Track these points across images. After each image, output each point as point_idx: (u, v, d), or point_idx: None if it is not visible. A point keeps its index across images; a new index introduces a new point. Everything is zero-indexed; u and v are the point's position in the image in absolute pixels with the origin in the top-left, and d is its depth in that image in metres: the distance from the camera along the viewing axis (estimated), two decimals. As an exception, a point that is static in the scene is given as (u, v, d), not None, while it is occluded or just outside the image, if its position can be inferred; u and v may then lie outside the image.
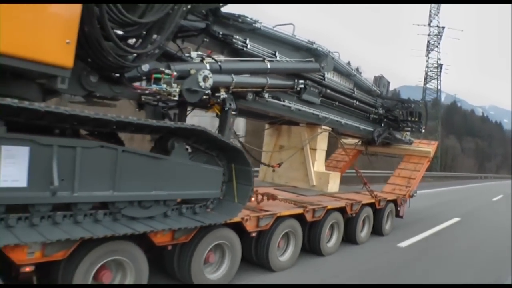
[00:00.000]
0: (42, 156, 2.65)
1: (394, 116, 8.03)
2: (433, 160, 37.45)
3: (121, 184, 3.02)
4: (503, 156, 66.38)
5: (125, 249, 3.12)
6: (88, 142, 2.88)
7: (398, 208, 7.56)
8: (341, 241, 5.94)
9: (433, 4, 45.60)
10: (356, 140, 8.69)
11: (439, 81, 46.81)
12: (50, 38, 2.58)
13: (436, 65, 46.34)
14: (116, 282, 3.20)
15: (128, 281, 3.20)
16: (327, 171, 6.91)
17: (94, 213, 3.02)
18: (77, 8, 2.69)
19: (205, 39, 4.47)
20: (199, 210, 3.73)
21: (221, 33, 4.53)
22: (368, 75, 7.01)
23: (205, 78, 3.76)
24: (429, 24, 45.62)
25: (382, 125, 8.10)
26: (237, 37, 4.71)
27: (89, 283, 2.95)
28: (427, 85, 47.17)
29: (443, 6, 45.62)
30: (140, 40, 3.40)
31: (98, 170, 2.91)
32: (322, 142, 6.76)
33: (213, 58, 4.37)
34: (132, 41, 3.48)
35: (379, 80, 8.12)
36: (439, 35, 45.41)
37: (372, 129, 7.88)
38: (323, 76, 6.20)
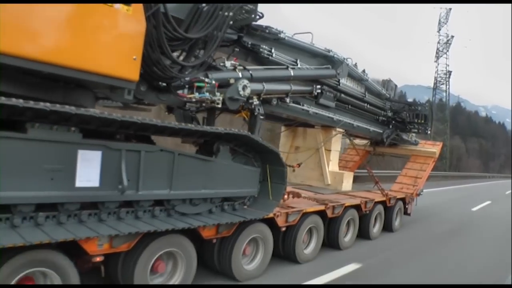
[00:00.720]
0: (112, 159, 2.99)
1: (401, 118, 8.42)
2: (442, 161, 39.05)
3: (176, 183, 3.36)
4: (505, 156, 68.21)
5: (179, 242, 3.46)
6: (150, 146, 3.23)
7: (406, 206, 7.96)
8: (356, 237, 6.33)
9: (442, 13, 47.66)
10: (365, 141, 9.07)
11: (447, 87, 49.04)
12: (120, 55, 2.93)
13: (445, 71, 48.64)
14: (168, 271, 3.54)
15: (179, 271, 3.54)
16: (340, 171, 7.28)
17: (152, 210, 3.36)
18: (143, 27, 3.03)
19: (236, 49, 4.82)
20: (238, 207, 4.08)
21: (250, 43, 4.88)
22: (369, 76, 7.36)
23: (244, 88, 4.11)
24: (438, 31, 47.68)
25: (390, 126, 8.49)
26: (264, 46, 5.07)
27: (148, 272, 3.29)
28: (430, 86, 49.10)
29: (452, 14, 47.82)
30: (185, 53, 3.76)
31: (158, 171, 3.25)
32: (336, 144, 7.14)
33: (244, 67, 4.72)
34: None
35: (387, 83, 8.51)
36: (447, 43, 47.54)
37: (381, 131, 8.27)
38: (338, 81, 6.58)
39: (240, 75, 4.47)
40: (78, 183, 2.83)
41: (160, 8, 3.27)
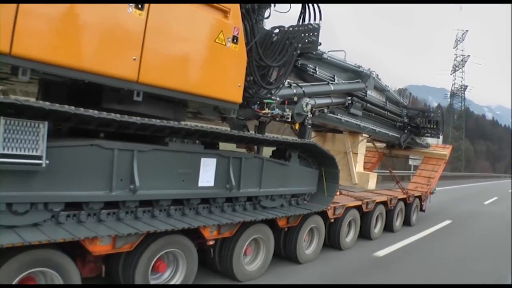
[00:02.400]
0: (222, 165, 3.84)
1: (415, 124, 9.34)
2: (458, 163, 42.35)
3: (264, 183, 4.23)
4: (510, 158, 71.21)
5: (264, 230, 4.32)
6: (247, 154, 4.09)
7: (422, 203, 8.89)
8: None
9: (459, 34, 54.89)
10: (382, 144, 9.98)
11: (463, 98, 56.52)
12: (231, 83, 3.80)
13: (461, 84, 56.28)
14: (253, 254, 4.38)
15: (262, 254, 4.40)
16: (366, 171, 8.19)
17: (244, 204, 4.22)
18: (245, 60, 3.89)
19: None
20: (300, 202, 4.96)
21: (300, 62, 5.74)
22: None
23: (307, 104, 4.99)
24: (454, 48, 55.11)
25: (406, 131, 9.40)
26: (310, 65, 5.94)
27: (242, 256, 4.13)
28: (435, 87, 54.25)
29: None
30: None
31: (252, 173, 4.11)
32: (362, 147, 8.03)
33: (297, 84, 5.59)
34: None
35: (403, 92, 9.44)
36: (463, 61, 54.25)
37: (398, 135, 9.18)
38: (365, 93, 7.47)
39: (294, 91, 5.34)
40: (200, 184, 3.68)
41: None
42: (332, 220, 5.56)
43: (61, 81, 3.12)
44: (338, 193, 6.12)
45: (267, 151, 5.07)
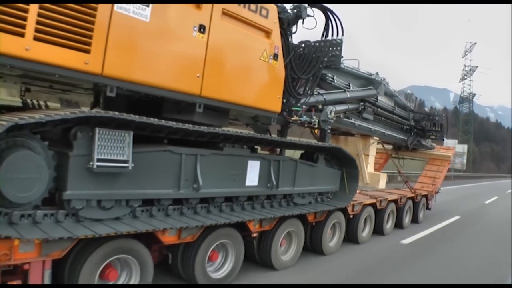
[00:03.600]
0: (265, 166, 4.36)
1: (421, 127, 9.90)
2: (467, 164, 45.62)
3: (297, 182, 4.75)
4: (513, 158, 74.09)
5: (295, 223, 4.85)
6: (285, 157, 4.61)
7: (428, 202, 9.46)
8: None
9: (467, 46, 61.45)
10: (390, 146, 10.54)
11: (471, 104, 63.41)
12: (273, 95, 4.32)
13: (469, 92, 62.58)
14: (286, 245, 4.90)
15: (294, 244, 4.93)
16: (376, 172, 8.74)
17: (280, 201, 4.74)
18: (283, 73, 4.42)
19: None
20: (325, 199, 5.49)
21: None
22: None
23: (331, 112, 5.53)
24: (463, 57, 61.65)
25: (412, 134, 9.97)
26: (328, 74, 6.48)
27: (278, 247, 4.65)
28: (437, 87, 58.14)
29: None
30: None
31: (288, 174, 4.63)
32: (372, 149, 8.59)
33: (318, 92, 6.12)
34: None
35: (409, 96, 10.00)
36: (470, 72, 60.41)
37: (405, 138, 9.74)
38: (376, 98, 8.02)
39: (318, 99, 5.88)
40: (247, 183, 4.20)
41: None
42: (351, 216, 6.09)
43: (123, 94, 3.60)
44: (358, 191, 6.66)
45: (289, 153, 5.60)
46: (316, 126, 5.28)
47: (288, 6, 5.05)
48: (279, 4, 4.64)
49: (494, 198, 19.01)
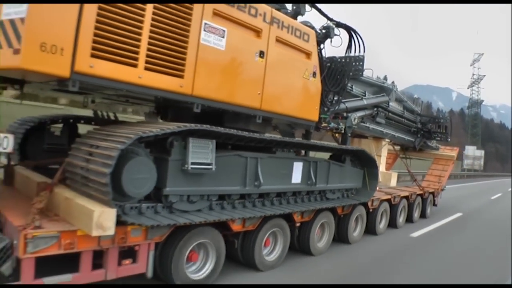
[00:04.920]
0: (306, 167, 5.16)
1: (427, 129, 10.75)
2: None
3: (330, 180, 5.55)
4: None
5: (328, 216, 5.66)
6: (321, 159, 5.41)
7: (434, 198, 10.31)
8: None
9: (475, 55, 66.63)
10: (398, 147, 11.38)
11: (479, 109, 69.31)
12: (312, 106, 5.12)
13: (477, 99, 68.14)
14: (320, 234, 5.70)
15: (326, 234, 5.73)
16: (388, 171, 9.57)
17: (315, 197, 5.54)
18: (320, 87, 5.21)
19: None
20: (350, 195, 6.30)
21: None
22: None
23: (355, 119, 6.34)
24: (471, 65, 67.64)
25: (418, 135, 10.81)
26: (348, 84, 7.27)
27: (316, 237, 5.45)
28: (439, 86, 61.76)
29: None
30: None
31: (323, 173, 5.44)
32: (384, 150, 9.42)
33: (342, 101, 6.92)
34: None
35: (416, 100, 10.88)
36: (478, 80, 65.49)
37: (412, 139, 10.59)
38: (388, 104, 8.85)
39: (341, 107, 6.68)
40: (293, 181, 5.00)
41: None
42: (371, 210, 6.91)
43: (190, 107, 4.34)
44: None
45: (311, 154, 6.39)
46: (343, 131, 6.08)
47: (317, 27, 5.86)
48: (313, 26, 5.43)
49: (499, 194, 21.17)
